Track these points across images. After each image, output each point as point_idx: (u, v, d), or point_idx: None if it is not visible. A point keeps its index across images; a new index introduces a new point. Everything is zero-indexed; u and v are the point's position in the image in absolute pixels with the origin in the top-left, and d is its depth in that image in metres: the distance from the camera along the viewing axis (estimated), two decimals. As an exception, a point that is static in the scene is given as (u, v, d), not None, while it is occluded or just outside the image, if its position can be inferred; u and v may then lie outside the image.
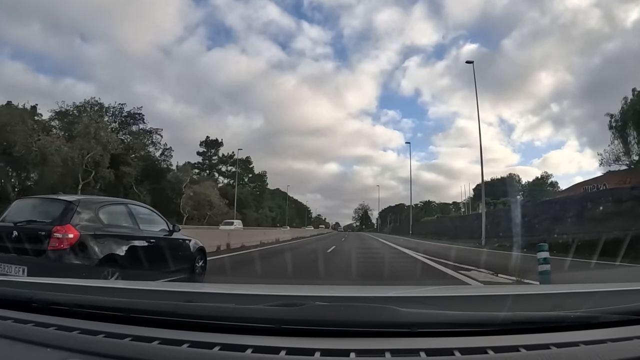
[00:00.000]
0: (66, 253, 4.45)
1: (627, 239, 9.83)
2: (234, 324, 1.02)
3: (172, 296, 1.41)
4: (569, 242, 12.85)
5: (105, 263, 4.68)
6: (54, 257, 4.42)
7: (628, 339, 0.95)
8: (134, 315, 1.09)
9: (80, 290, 1.50)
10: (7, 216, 5.07)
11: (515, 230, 18.05)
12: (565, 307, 1.12)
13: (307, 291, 1.60)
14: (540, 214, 20.39)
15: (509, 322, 1.00)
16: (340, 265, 10.48)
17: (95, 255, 4.66)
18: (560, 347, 0.90)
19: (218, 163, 71.91)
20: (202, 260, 7.06)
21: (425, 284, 6.73)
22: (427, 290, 1.98)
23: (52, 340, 0.99)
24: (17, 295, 1.27)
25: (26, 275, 4.35)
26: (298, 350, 0.91)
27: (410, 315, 1.03)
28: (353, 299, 1.42)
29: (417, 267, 10.30)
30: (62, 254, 4.43)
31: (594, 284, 1.99)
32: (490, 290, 2.42)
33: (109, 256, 4.76)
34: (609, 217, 14.68)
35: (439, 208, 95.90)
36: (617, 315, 1.06)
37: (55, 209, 4.88)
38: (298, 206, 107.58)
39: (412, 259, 12.82)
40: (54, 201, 5.18)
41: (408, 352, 0.91)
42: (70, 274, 4.16)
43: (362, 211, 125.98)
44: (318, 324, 1.00)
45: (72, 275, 4.06)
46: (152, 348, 0.93)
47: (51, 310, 1.17)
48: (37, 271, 4.14)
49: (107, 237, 4.94)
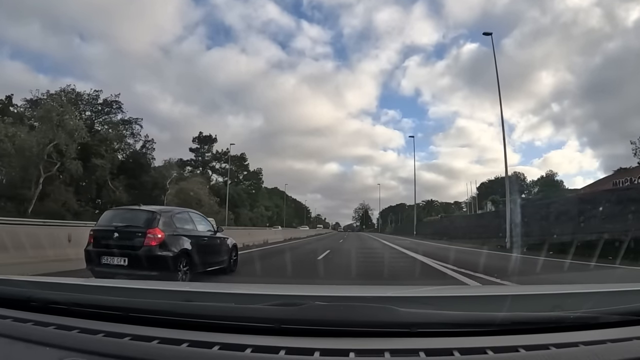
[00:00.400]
0: (156, 248, 6.00)
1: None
2: (234, 324, 1.02)
3: (172, 295, 1.40)
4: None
5: (179, 255, 6.24)
6: (148, 251, 5.91)
7: (627, 339, 0.95)
8: (133, 314, 1.09)
9: (80, 289, 1.50)
10: (101, 222, 6.61)
11: (547, 231, 15.57)
12: (564, 307, 1.12)
13: (306, 291, 1.60)
14: (571, 211, 16.70)
15: (508, 322, 1.00)
16: (335, 275, 8.45)
17: (174, 249, 6.22)
18: (560, 347, 0.90)
19: (211, 160, 68.08)
20: (235, 255, 8.58)
21: (424, 284, 6.72)
22: (426, 290, 1.98)
23: (51, 339, 0.99)
24: (16, 294, 1.27)
25: (127, 264, 5.82)
26: (297, 350, 0.91)
27: (410, 315, 1.03)
28: (352, 298, 1.41)
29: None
30: (153, 249, 5.97)
31: (593, 284, 1.99)
32: (490, 290, 2.42)
33: (182, 250, 6.34)
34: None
35: (441, 207, 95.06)
36: (617, 315, 1.06)
37: (145, 216, 6.45)
38: (297, 206, 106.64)
39: (439, 272, 8.96)
40: (142, 211, 6.75)
41: (407, 352, 0.91)
42: (158, 263, 5.81)
43: (363, 211, 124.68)
44: (317, 324, 1.00)
45: (160, 264, 5.84)
46: (152, 347, 0.93)
47: (50, 309, 1.17)
48: (135, 261, 5.74)
49: (180, 236, 6.52)
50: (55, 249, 8.26)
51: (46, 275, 4.21)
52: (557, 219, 17.26)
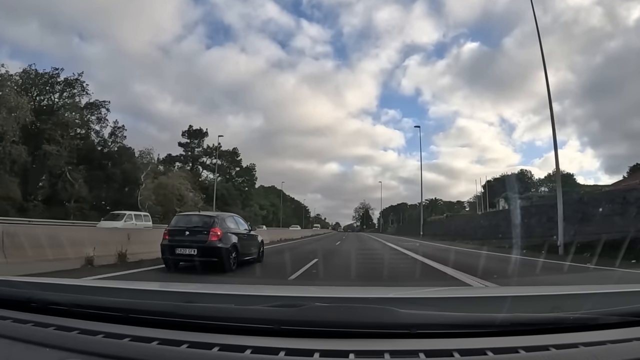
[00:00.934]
0: (217, 242, 8.19)
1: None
2: (233, 325, 1.02)
3: (171, 296, 1.41)
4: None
5: (231, 247, 8.44)
6: (211, 244, 8.09)
7: (627, 340, 0.95)
8: (133, 315, 1.09)
9: (79, 290, 1.50)
10: (173, 223, 9.06)
11: (593, 230, 12.58)
12: (564, 308, 1.12)
13: (306, 292, 1.60)
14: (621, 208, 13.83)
15: (508, 323, 1.00)
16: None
17: (228, 243, 8.43)
18: (560, 348, 0.90)
19: (202, 155, 63.01)
20: (262, 249, 10.90)
21: (424, 285, 6.72)
22: (426, 291, 1.98)
23: (51, 340, 0.99)
24: (16, 295, 1.27)
25: (196, 254, 7.88)
26: (297, 351, 0.91)
27: (410, 316, 1.03)
28: (352, 299, 1.41)
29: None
30: (215, 242, 8.16)
31: (593, 285, 1.99)
32: (490, 291, 2.42)
33: (232, 244, 8.54)
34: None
35: (445, 206, 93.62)
36: (616, 317, 1.06)
37: (207, 219, 8.83)
38: (296, 205, 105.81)
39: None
40: (204, 215, 9.49)
41: (407, 353, 0.91)
42: (218, 253, 8.04)
43: (363, 210, 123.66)
44: (317, 325, 1.00)
45: (219, 253, 8.05)
46: (151, 348, 0.93)
47: (50, 310, 1.17)
48: (202, 251, 7.91)
49: (230, 234, 8.73)
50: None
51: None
52: (606, 218, 14.21)
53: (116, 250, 9.12)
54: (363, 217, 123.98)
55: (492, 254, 14.14)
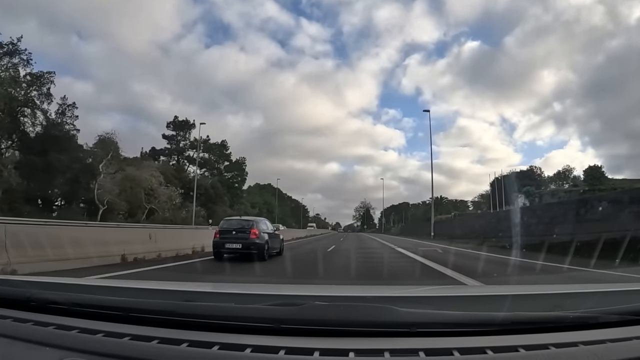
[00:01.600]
0: (255, 239, 10.95)
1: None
2: (233, 324, 1.02)
3: (172, 295, 1.40)
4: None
5: (265, 243, 11.13)
6: (252, 239, 10.87)
7: (627, 339, 0.95)
8: (133, 314, 1.09)
9: (79, 289, 1.50)
10: (222, 225, 11.83)
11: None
12: (564, 307, 1.12)
13: (306, 291, 1.60)
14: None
15: (508, 322, 1.00)
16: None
17: (263, 240, 11.18)
18: (559, 347, 0.90)
19: (187, 148, 58.50)
20: (282, 245, 13.67)
21: (424, 284, 6.72)
22: (426, 290, 1.98)
23: (51, 339, 0.99)
24: (16, 294, 1.27)
25: (241, 247, 10.74)
26: (297, 349, 0.91)
27: (410, 315, 1.03)
28: (352, 298, 1.42)
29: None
30: (254, 239, 10.92)
31: (593, 284, 1.99)
32: (490, 290, 2.42)
33: (265, 240, 11.30)
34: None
35: (451, 205, 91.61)
36: (616, 315, 1.06)
37: (248, 222, 11.73)
38: (295, 205, 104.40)
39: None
40: (246, 219, 12.49)
41: (407, 352, 0.91)
42: (257, 247, 10.75)
43: (364, 210, 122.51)
44: (317, 324, 1.00)
45: (257, 248, 10.81)
46: (152, 347, 0.93)
47: (50, 309, 1.17)
48: (245, 246, 10.70)
49: (264, 233, 11.57)
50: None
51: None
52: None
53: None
54: (364, 216, 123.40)
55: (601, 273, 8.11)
